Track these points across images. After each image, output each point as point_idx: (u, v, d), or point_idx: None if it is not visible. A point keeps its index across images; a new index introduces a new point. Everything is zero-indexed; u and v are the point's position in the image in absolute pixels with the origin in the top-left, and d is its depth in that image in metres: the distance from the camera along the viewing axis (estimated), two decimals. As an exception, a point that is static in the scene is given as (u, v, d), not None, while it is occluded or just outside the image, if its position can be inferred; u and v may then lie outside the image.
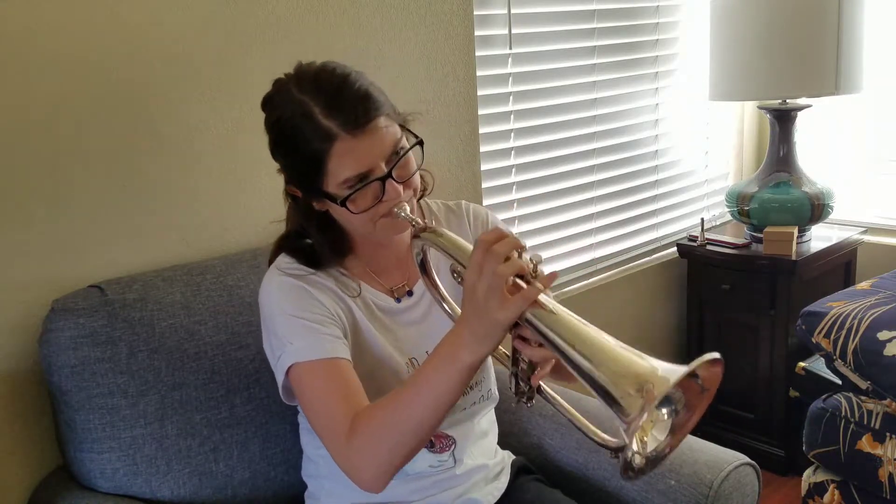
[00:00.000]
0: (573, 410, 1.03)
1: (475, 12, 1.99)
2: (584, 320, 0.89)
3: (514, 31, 2.15)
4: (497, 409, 1.41)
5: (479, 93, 2.05)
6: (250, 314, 1.43)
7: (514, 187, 2.24)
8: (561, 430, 1.53)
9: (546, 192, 2.32)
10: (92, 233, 1.43)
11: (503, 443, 1.44)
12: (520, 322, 0.92)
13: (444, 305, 1.18)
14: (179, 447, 1.34)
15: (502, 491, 1.35)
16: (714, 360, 0.79)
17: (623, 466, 0.83)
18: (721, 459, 1.36)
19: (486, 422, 1.37)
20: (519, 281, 0.92)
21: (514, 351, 1.00)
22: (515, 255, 0.92)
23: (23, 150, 1.35)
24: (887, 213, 2.70)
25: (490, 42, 2.12)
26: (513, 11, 2.13)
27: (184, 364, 1.35)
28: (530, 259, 0.92)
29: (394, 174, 1.10)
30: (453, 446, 1.27)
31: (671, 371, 0.79)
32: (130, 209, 1.48)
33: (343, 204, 1.09)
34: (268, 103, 1.15)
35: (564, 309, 0.90)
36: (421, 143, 1.15)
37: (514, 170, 2.23)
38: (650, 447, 0.85)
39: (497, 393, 1.37)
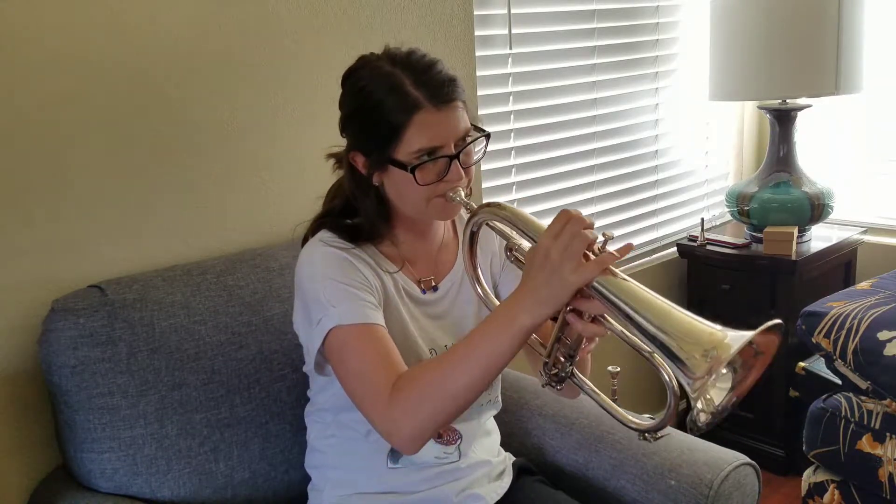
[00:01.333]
0: (602, 394, 1.06)
1: (475, 12, 1.99)
2: (651, 291, 0.94)
3: (514, 31, 2.15)
4: (498, 413, 1.43)
5: (479, 93, 2.05)
6: (250, 314, 1.43)
7: (514, 187, 2.24)
8: (561, 431, 1.53)
9: (546, 192, 2.32)
10: (92, 233, 1.44)
11: (504, 444, 1.45)
12: (586, 289, 0.95)
13: (478, 288, 1.21)
14: (179, 447, 1.34)
15: (505, 490, 1.37)
16: (772, 327, 0.85)
17: (690, 424, 0.88)
18: (721, 459, 1.36)
19: (490, 424, 1.41)
20: (588, 252, 0.96)
21: (560, 328, 1.04)
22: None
23: (23, 150, 1.35)
24: (887, 213, 2.69)
25: (490, 42, 2.12)
26: (513, 11, 2.13)
27: (184, 364, 1.35)
28: (602, 234, 0.97)
29: (460, 158, 1.16)
30: (459, 440, 1.30)
31: (735, 338, 0.85)
32: (130, 209, 1.48)
33: (412, 171, 1.13)
34: (351, 75, 1.19)
35: (632, 279, 0.95)
36: (488, 136, 1.21)
37: (514, 170, 2.23)
38: (715, 402, 0.91)
39: (501, 401, 1.40)
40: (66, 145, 1.39)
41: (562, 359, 1.07)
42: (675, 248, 2.62)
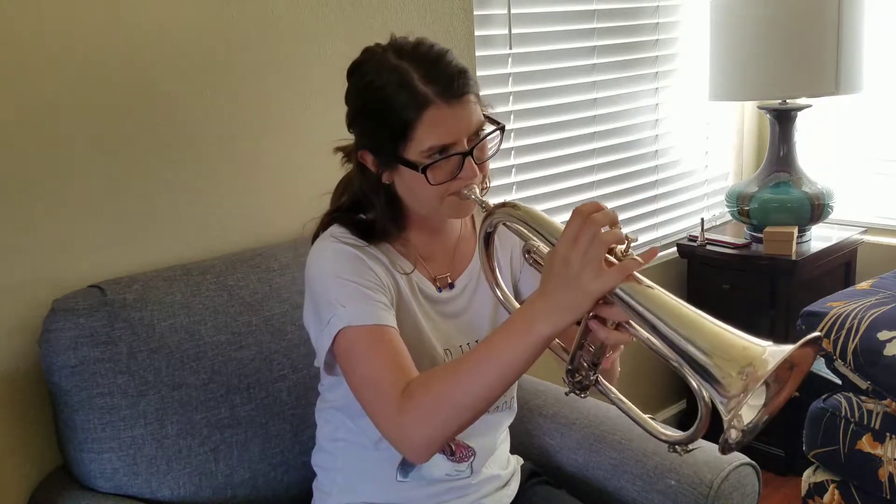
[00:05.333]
0: (630, 404, 1.01)
1: (475, 12, 1.99)
2: (679, 299, 0.86)
3: (514, 31, 2.15)
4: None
5: (480, 93, 2.05)
6: (250, 314, 1.43)
7: (515, 187, 2.24)
8: (561, 430, 1.53)
9: (546, 192, 2.32)
10: (92, 233, 1.43)
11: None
12: (608, 297, 0.89)
13: (497, 290, 1.16)
14: (179, 447, 1.34)
15: (512, 497, 1.35)
16: (812, 340, 0.81)
17: (722, 444, 0.84)
18: (721, 459, 1.36)
19: (504, 434, 1.37)
20: (609, 257, 0.90)
21: (582, 334, 0.97)
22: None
23: (23, 150, 1.35)
24: (887, 213, 2.69)
25: (490, 42, 2.11)
26: (513, 11, 2.13)
27: (184, 364, 1.35)
28: (626, 237, 0.91)
29: (473, 154, 1.11)
30: (472, 458, 1.26)
31: (774, 353, 0.79)
32: (131, 209, 1.48)
33: (423, 171, 1.08)
34: (357, 69, 1.13)
35: (658, 286, 0.88)
36: (503, 128, 1.15)
37: (514, 170, 2.23)
38: (745, 420, 0.86)
39: (516, 406, 1.36)
40: (66, 145, 1.39)
41: (585, 366, 1.00)
42: (675, 248, 2.62)
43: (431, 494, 1.25)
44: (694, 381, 0.87)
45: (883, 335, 1.83)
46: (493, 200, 1.11)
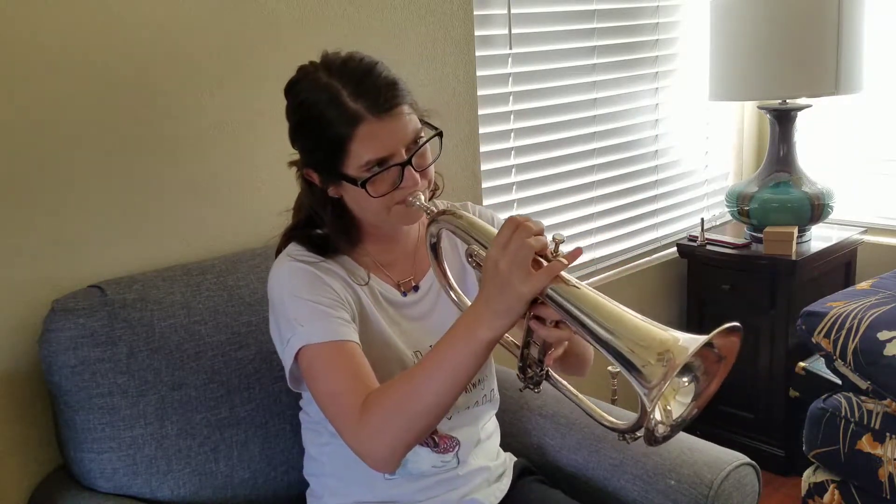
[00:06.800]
0: (580, 396, 1.04)
1: (475, 12, 1.99)
2: (604, 295, 0.91)
3: (514, 31, 2.15)
4: (498, 410, 1.42)
5: (479, 93, 2.05)
6: (250, 314, 1.43)
7: (514, 187, 2.24)
8: (561, 430, 1.53)
9: (546, 192, 2.32)
10: (92, 233, 1.44)
11: (504, 444, 1.44)
12: (540, 297, 0.94)
13: (451, 294, 1.19)
14: (179, 447, 1.34)
15: (504, 492, 1.36)
16: (731, 329, 0.83)
17: (646, 435, 0.86)
18: (721, 459, 1.36)
19: (490, 426, 1.38)
20: (540, 259, 0.94)
21: (527, 333, 1.01)
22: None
23: (23, 151, 1.35)
24: (887, 213, 2.70)
25: (490, 42, 2.12)
26: (513, 11, 2.13)
27: (184, 364, 1.35)
28: (553, 238, 0.95)
29: (413, 162, 1.12)
30: (457, 447, 1.28)
31: (690, 340, 0.82)
32: (130, 209, 1.48)
33: (363, 186, 1.10)
34: (292, 88, 1.16)
35: (585, 285, 0.93)
36: (440, 134, 1.17)
37: (514, 170, 2.23)
38: (674, 414, 0.88)
39: (498, 395, 1.38)
40: (66, 145, 1.39)
41: (535, 362, 1.04)
42: (675, 248, 2.62)
43: (421, 489, 1.26)
44: (624, 374, 0.90)
45: (883, 335, 1.83)
46: (447, 204, 1.13)
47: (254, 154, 1.62)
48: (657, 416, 0.86)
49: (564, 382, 1.06)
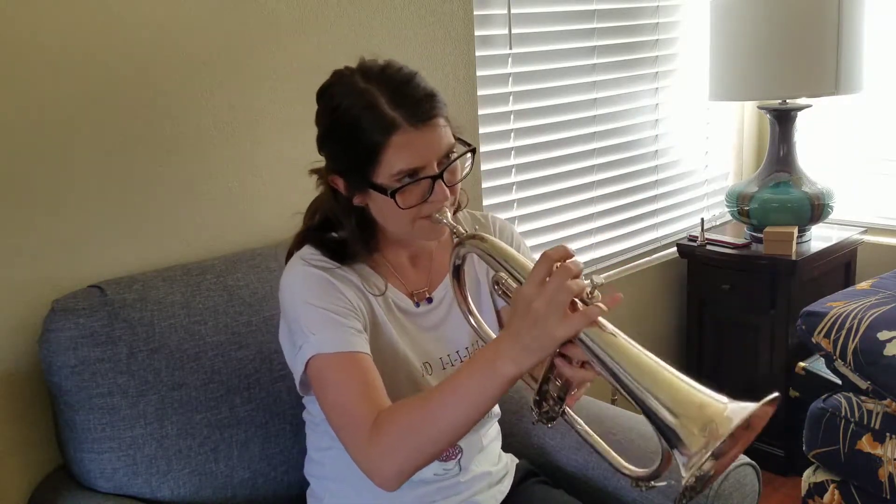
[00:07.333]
0: (596, 437, 1.02)
1: (475, 12, 1.99)
2: (640, 346, 0.88)
3: (514, 31, 2.15)
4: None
5: (479, 93, 2.05)
6: (250, 314, 1.43)
7: (514, 187, 2.24)
8: (561, 431, 1.53)
9: (546, 192, 2.32)
10: (92, 233, 1.43)
11: (505, 445, 1.44)
12: (573, 340, 0.91)
13: (471, 319, 1.17)
14: (179, 447, 1.34)
15: (505, 494, 1.35)
16: (772, 400, 0.81)
17: (679, 497, 0.83)
18: (721, 459, 1.36)
19: (492, 431, 1.37)
20: (576, 300, 0.91)
21: (550, 368, 0.98)
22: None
23: (23, 151, 1.35)
24: (887, 213, 2.70)
25: (490, 42, 2.11)
26: (513, 11, 2.13)
27: (184, 364, 1.35)
28: (591, 279, 0.92)
29: (444, 177, 1.10)
30: (460, 455, 1.27)
31: (735, 411, 0.79)
32: (130, 209, 1.48)
33: (392, 196, 1.08)
34: (325, 92, 1.14)
35: (621, 332, 0.90)
36: (474, 150, 1.15)
37: (514, 170, 2.23)
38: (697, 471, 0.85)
39: (499, 409, 1.37)
40: (66, 145, 1.39)
41: (552, 398, 1.01)
42: (675, 248, 2.62)
43: (422, 495, 1.25)
44: (657, 433, 0.86)
45: (883, 335, 1.83)
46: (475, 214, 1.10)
47: (254, 154, 1.62)
48: (689, 480, 0.82)
49: (581, 422, 1.04)
